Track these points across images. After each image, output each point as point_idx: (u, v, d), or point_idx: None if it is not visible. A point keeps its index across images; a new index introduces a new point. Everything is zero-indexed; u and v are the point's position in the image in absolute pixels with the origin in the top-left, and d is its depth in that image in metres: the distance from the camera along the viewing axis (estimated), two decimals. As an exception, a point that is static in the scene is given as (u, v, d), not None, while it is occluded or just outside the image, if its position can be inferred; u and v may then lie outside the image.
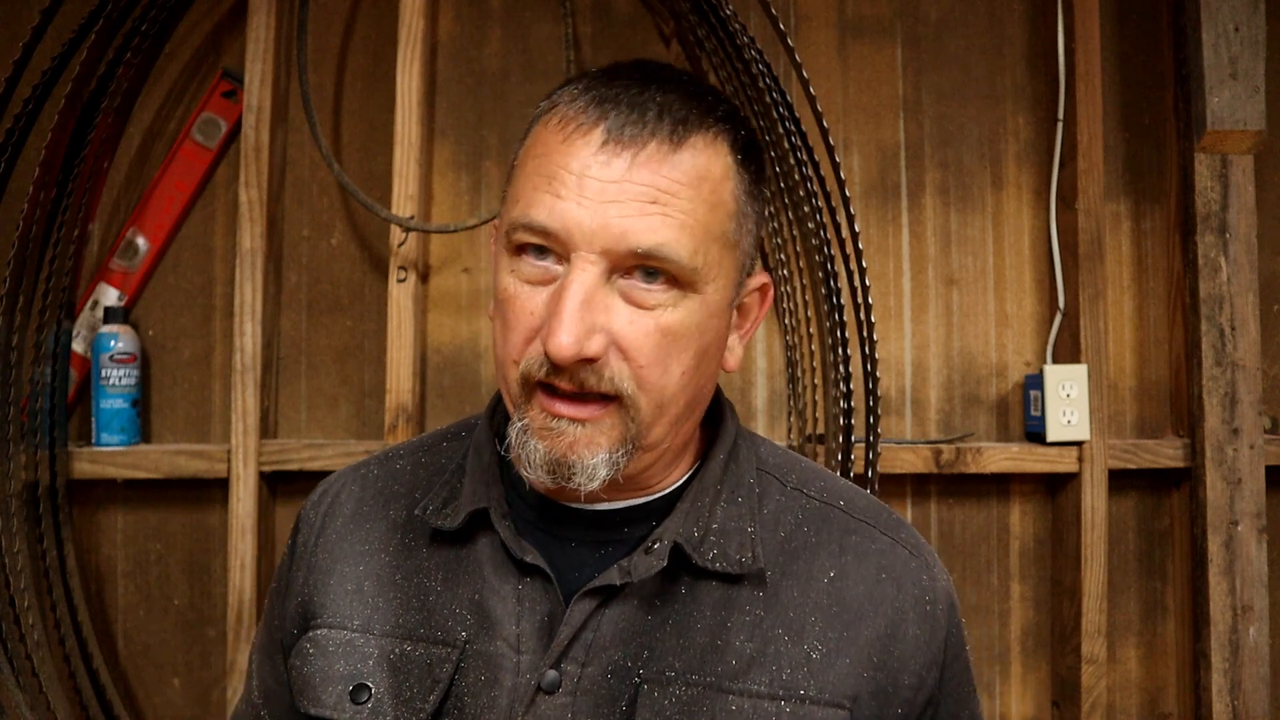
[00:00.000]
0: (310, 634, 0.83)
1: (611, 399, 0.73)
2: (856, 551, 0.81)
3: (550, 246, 0.71)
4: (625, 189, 0.70)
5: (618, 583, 0.75)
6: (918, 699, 0.79)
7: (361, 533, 0.86)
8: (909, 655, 0.78)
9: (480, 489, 0.81)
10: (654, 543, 0.77)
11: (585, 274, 0.70)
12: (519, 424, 0.74)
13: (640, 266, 0.71)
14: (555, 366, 0.70)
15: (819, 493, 0.85)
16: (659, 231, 0.70)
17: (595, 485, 0.73)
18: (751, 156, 0.79)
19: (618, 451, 0.73)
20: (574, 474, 0.73)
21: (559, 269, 0.72)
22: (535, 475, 0.74)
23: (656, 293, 0.72)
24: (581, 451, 0.72)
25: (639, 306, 0.72)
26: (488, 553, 0.80)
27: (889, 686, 0.77)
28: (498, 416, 0.88)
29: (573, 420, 0.72)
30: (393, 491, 0.88)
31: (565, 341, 0.69)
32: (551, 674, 0.75)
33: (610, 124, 0.71)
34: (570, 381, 0.71)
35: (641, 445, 0.75)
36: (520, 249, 0.73)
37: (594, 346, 0.70)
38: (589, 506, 0.80)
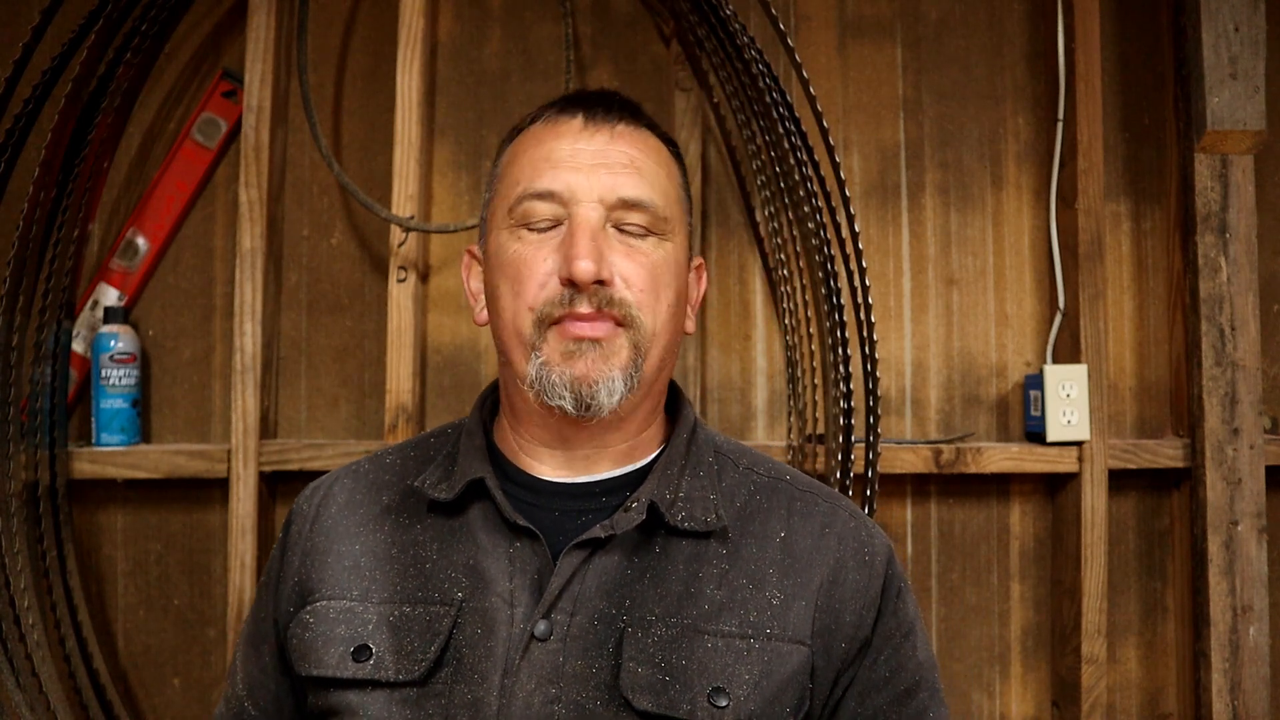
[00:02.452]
0: (309, 607, 0.89)
1: (621, 324, 0.85)
2: (802, 513, 0.93)
3: (552, 206, 0.86)
4: (609, 154, 0.88)
5: (602, 536, 0.85)
6: (857, 636, 0.89)
7: (356, 517, 0.93)
8: (849, 597, 0.89)
9: (475, 464, 0.90)
10: (633, 503, 0.87)
11: (590, 214, 0.85)
12: (537, 361, 0.85)
13: (622, 219, 0.87)
14: (577, 290, 0.83)
15: (766, 471, 0.97)
16: (639, 184, 0.88)
17: (615, 401, 0.84)
18: (682, 167, 0.97)
19: (629, 369, 0.85)
20: (596, 390, 0.84)
21: (562, 228, 0.86)
22: (560, 401, 0.84)
23: (640, 238, 0.88)
24: (601, 368, 0.84)
25: (628, 247, 0.87)
26: (480, 520, 0.89)
27: (832, 625, 0.88)
28: (485, 409, 0.99)
29: (592, 341, 0.84)
30: (384, 481, 0.96)
31: (585, 265, 0.82)
32: (543, 624, 0.83)
33: (586, 113, 0.90)
34: (590, 303, 0.84)
35: (642, 374, 0.87)
36: (523, 220, 0.87)
37: (608, 271, 0.84)
38: (571, 479, 0.91)
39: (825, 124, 1.50)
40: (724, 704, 0.81)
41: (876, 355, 1.53)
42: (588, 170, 0.86)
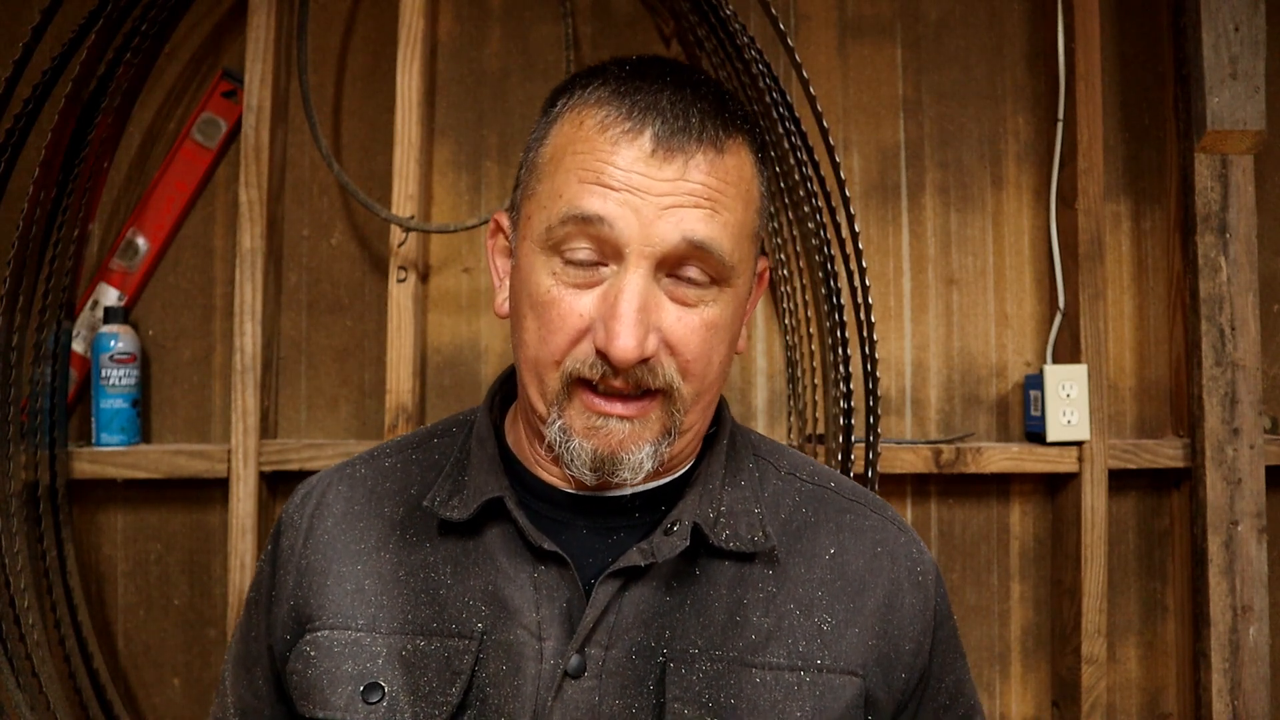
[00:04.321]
0: (309, 637, 0.81)
1: (657, 392, 0.75)
2: (853, 529, 0.85)
3: (599, 239, 0.73)
4: (679, 186, 0.72)
5: (641, 564, 0.76)
6: (916, 663, 0.83)
7: (355, 532, 0.84)
8: (907, 623, 0.83)
9: (489, 479, 0.81)
10: (673, 524, 0.78)
11: (639, 274, 0.72)
12: (557, 423, 0.76)
13: (682, 266, 0.74)
14: (614, 368, 0.73)
15: (809, 476, 0.89)
16: (710, 227, 0.73)
17: (640, 478, 0.76)
18: (766, 153, 0.84)
19: (661, 442, 0.76)
20: (620, 469, 0.75)
21: (606, 270, 0.74)
22: (580, 473, 0.76)
23: (700, 289, 0.75)
24: (630, 447, 0.75)
25: (684, 304, 0.75)
26: (499, 542, 0.80)
27: (892, 654, 0.81)
28: (495, 407, 0.89)
29: (622, 418, 0.75)
30: (385, 490, 0.87)
31: (629, 345, 0.71)
32: (576, 658, 0.75)
33: (658, 129, 0.73)
34: (626, 381, 0.74)
35: (679, 431, 0.78)
36: (561, 249, 0.74)
37: (651, 346, 0.73)
38: (599, 494, 0.81)
39: (825, 124, 1.51)
40: None
41: (876, 355, 1.53)
42: (652, 200, 0.72)
